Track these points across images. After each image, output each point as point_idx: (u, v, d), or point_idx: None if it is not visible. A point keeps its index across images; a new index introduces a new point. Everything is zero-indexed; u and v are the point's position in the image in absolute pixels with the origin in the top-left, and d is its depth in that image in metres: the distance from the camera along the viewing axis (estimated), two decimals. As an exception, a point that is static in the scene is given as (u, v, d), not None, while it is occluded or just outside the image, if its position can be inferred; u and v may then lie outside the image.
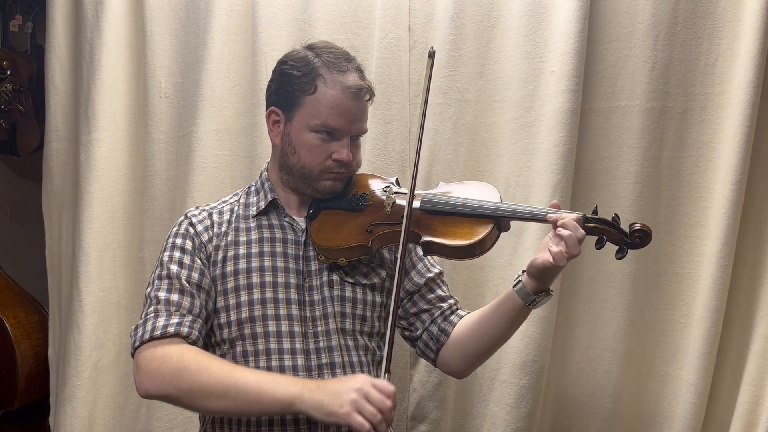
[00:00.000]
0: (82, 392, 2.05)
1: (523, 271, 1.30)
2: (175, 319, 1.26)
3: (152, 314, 1.28)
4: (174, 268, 1.31)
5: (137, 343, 1.26)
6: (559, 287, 1.79)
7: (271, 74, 1.39)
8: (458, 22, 1.81)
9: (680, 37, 1.75)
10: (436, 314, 1.42)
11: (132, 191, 2.09)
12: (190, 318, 1.28)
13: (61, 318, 2.19)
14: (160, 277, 1.31)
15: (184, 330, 1.26)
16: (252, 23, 1.93)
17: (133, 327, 1.28)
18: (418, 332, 1.42)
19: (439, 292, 1.44)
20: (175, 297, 1.28)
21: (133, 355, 1.26)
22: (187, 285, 1.30)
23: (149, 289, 1.32)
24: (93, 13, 2.04)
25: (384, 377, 1.16)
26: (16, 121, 2.48)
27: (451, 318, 1.41)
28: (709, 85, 1.75)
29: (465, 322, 1.40)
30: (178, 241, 1.35)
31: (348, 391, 1.11)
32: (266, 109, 1.39)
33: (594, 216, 1.27)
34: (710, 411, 1.79)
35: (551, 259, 1.22)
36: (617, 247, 1.28)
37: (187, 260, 1.32)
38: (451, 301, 1.45)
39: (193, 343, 1.27)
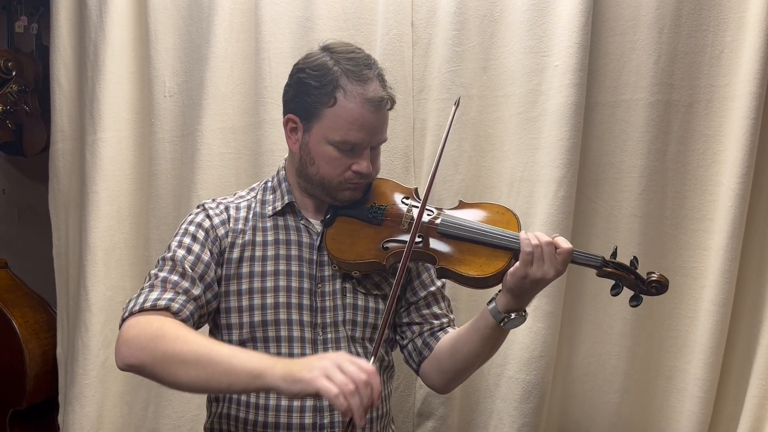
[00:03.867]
0: (90, 391, 2.06)
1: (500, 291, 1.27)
2: (168, 295, 1.23)
3: (147, 289, 1.25)
4: (180, 253, 1.29)
5: (125, 314, 1.22)
6: (565, 282, 1.78)
7: (280, 74, 1.37)
8: (461, 17, 1.81)
9: (685, 29, 1.73)
10: (425, 329, 1.40)
11: (137, 190, 2.10)
12: (184, 297, 1.24)
13: (68, 317, 2.20)
14: (164, 259, 1.29)
15: (175, 306, 1.22)
16: (255, 21, 1.93)
17: (127, 300, 1.26)
18: (405, 342, 1.42)
19: (435, 309, 1.41)
20: (174, 277, 1.26)
21: (120, 327, 1.21)
22: (190, 271, 1.27)
23: (152, 269, 1.30)
24: (97, 14, 2.05)
25: (369, 360, 1.09)
26: (23, 122, 2.49)
27: (438, 334, 1.39)
28: (714, 77, 1.74)
29: (446, 338, 1.38)
30: (192, 228, 1.33)
31: (321, 359, 1.04)
32: (283, 114, 1.35)
33: (613, 260, 1.26)
34: (718, 406, 1.78)
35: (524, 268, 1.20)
36: (632, 293, 1.27)
37: (196, 248, 1.30)
38: (444, 320, 1.42)
39: (183, 321, 1.22)
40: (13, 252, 2.54)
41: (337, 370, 1.02)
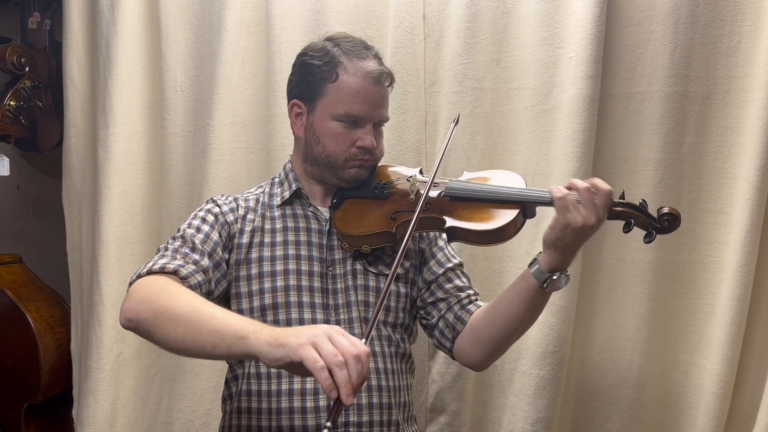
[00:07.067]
0: (104, 385, 2.07)
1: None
2: (178, 261, 1.24)
3: (157, 257, 1.27)
4: (190, 231, 1.31)
5: (134, 278, 1.22)
6: (579, 276, 1.77)
7: (291, 67, 1.40)
8: (473, 8, 1.79)
9: (702, 20, 1.71)
10: (453, 303, 1.39)
11: (150, 185, 2.11)
12: (193, 267, 1.25)
13: (82, 311, 2.22)
14: (173, 238, 1.31)
15: (184, 271, 1.22)
16: (266, 15, 1.92)
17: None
18: (434, 320, 1.40)
19: (458, 282, 1.41)
20: (184, 249, 1.27)
21: (128, 290, 1.21)
22: (200, 246, 1.29)
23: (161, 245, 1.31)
24: (109, 9, 2.05)
25: (362, 341, 1.00)
26: (36, 118, 2.51)
27: (469, 307, 1.39)
28: (732, 68, 1.71)
29: (481, 309, 1.37)
30: (201, 213, 1.36)
31: (312, 329, 0.97)
32: (288, 102, 1.40)
33: (621, 200, 1.25)
34: (735, 401, 1.75)
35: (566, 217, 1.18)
36: (645, 232, 1.26)
37: (205, 228, 1.32)
38: (470, 291, 1.42)
39: (190, 288, 1.21)
40: (28, 247, 2.56)
41: (326, 340, 0.95)
